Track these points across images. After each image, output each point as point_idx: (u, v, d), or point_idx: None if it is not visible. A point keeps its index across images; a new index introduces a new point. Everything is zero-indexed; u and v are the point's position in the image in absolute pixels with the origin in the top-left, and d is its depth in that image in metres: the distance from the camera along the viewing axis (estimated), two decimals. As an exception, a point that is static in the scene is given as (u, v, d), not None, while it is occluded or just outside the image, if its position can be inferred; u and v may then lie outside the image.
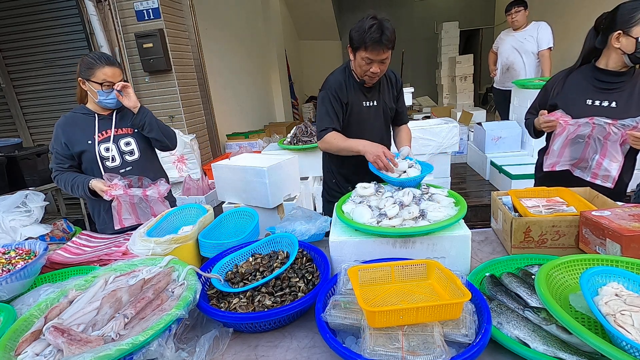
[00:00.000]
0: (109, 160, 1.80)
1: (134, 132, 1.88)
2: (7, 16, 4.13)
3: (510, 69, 4.20)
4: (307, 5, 9.03)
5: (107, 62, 1.74)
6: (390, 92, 1.89)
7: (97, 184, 1.69)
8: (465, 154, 4.41)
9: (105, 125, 1.82)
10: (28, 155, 3.34)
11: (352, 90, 1.79)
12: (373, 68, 1.63)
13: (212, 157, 4.59)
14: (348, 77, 1.80)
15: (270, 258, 1.29)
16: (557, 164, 1.67)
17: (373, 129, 1.87)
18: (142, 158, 1.89)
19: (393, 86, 1.91)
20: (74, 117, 1.82)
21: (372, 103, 1.84)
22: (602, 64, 1.63)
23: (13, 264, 1.31)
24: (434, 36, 9.56)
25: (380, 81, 1.84)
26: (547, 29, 3.95)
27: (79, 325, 0.95)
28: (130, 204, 1.69)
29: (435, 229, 1.19)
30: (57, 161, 1.79)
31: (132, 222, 1.72)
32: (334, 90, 1.76)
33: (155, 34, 3.66)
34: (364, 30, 1.55)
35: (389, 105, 1.89)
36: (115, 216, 1.70)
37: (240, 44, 6.28)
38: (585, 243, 1.23)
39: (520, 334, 0.89)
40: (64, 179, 1.76)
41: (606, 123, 1.50)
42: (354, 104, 1.80)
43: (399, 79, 1.95)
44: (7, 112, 4.46)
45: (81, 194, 1.74)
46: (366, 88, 1.82)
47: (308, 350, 0.99)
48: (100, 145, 1.78)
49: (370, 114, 1.85)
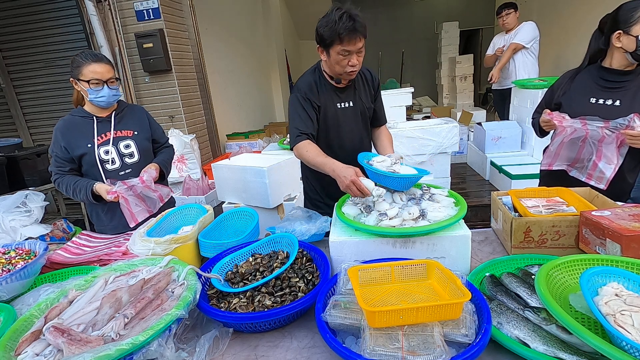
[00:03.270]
0: (108, 163, 1.80)
1: (133, 135, 1.87)
2: (7, 16, 4.13)
3: (503, 68, 4.28)
4: (307, 6, 9.03)
5: (94, 58, 1.71)
6: (366, 91, 1.79)
7: (101, 186, 1.69)
8: (465, 154, 4.41)
9: (104, 128, 1.81)
10: (28, 155, 3.34)
11: (325, 92, 1.69)
12: (352, 60, 1.53)
13: (212, 157, 4.59)
14: (319, 78, 1.70)
15: (270, 258, 1.29)
16: (553, 163, 1.69)
17: (351, 131, 1.78)
18: (142, 160, 1.88)
19: (369, 84, 1.81)
20: (73, 121, 1.80)
21: (347, 104, 1.74)
22: (607, 64, 1.65)
23: (13, 264, 1.31)
24: (434, 36, 9.55)
25: (355, 80, 1.75)
26: (529, 28, 4.02)
27: (79, 325, 0.95)
28: (135, 196, 1.69)
29: (435, 229, 1.19)
30: (57, 164, 1.78)
31: (145, 214, 1.71)
32: (304, 93, 1.66)
33: (155, 34, 3.66)
34: (334, 22, 1.46)
35: (367, 105, 1.79)
36: (126, 214, 1.69)
37: (240, 44, 6.28)
38: (585, 243, 1.23)
39: (520, 334, 0.89)
40: (65, 183, 1.76)
41: (599, 127, 1.52)
42: (327, 106, 1.70)
43: (375, 76, 1.85)
44: (7, 112, 4.47)
45: (83, 197, 1.73)
46: (340, 89, 1.72)
47: (308, 350, 0.99)
48: (99, 148, 1.78)
49: (346, 116, 1.75)
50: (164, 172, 1.91)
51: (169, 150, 2.05)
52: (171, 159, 2.03)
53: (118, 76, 1.85)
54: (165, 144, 2.06)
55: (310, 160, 1.57)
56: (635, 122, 1.46)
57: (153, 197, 1.74)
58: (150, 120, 1.99)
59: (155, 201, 1.74)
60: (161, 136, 2.03)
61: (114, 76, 1.77)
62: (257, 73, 7.14)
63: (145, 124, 1.95)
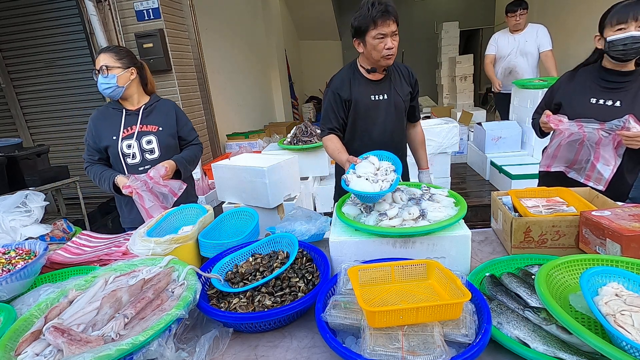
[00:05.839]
0: (129, 157, 1.83)
1: (157, 130, 1.88)
2: (7, 16, 4.13)
3: (512, 72, 4.08)
4: (307, 6, 9.03)
5: (102, 50, 1.79)
6: (402, 86, 1.86)
7: (121, 179, 1.74)
8: (465, 154, 4.41)
9: (131, 121, 1.84)
10: (28, 155, 3.35)
11: (358, 85, 1.79)
12: (388, 43, 1.62)
13: (212, 157, 4.59)
14: (354, 73, 1.81)
15: (270, 258, 1.29)
16: (551, 165, 1.70)
17: (383, 123, 1.84)
18: (162, 158, 1.88)
19: (406, 80, 1.88)
20: (106, 111, 1.86)
21: (381, 97, 1.82)
22: (604, 64, 1.67)
23: (13, 264, 1.31)
24: (434, 36, 9.55)
25: (392, 74, 1.83)
26: (546, 31, 3.92)
27: (79, 325, 0.95)
28: (149, 191, 1.70)
29: (435, 229, 1.19)
30: (89, 153, 1.86)
31: (159, 210, 1.70)
32: (335, 88, 1.80)
33: (155, 34, 3.66)
34: (367, 10, 1.58)
35: (403, 99, 1.85)
36: (141, 210, 1.70)
37: (240, 44, 6.28)
38: (585, 243, 1.23)
39: (520, 334, 0.89)
40: (92, 172, 1.84)
41: (595, 129, 1.52)
42: (360, 99, 1.79)
43: (413, 73, 1.92)
44: (7, 112, 4.47)
45: (106, 188, 1.80)
46: (375, 82, 1.81)
47: (308, 350, 0.99)
48: (123, 141, 1.81)
49: (378, 108, 1.82)
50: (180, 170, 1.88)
51: (193, 148, 2.03)
52: (194, 157, 2.00)
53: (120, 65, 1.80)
54: (194, 141, 2.04)
55: (329, 153, 1.83)
56: (630, 123, 1.47)
57: (165, 192, 1.74)
58: (179, 116, 1.97)
59: (167, 196, 1.74)
60: (188, 134, 2.02)
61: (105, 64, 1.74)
62: (257, 73, 7.14)
63: (172, 120, 1.94)
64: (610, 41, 1.54)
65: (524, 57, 4.00)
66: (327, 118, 1.84)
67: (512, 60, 4.08)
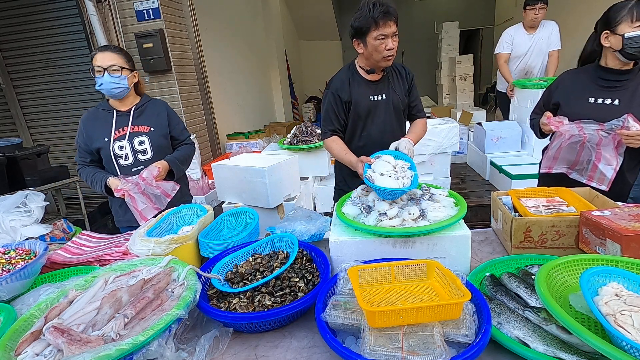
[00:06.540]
0: (122, 158, 1.82)
1: (149, 131, 1.87)
2: (7, 16, 4.13)
3: (529, 73, 3.85)
4: (307, 5, 9.03)
5: (100, 49, 1.78)
6: (401, 85, 1.88)
7: (113, 181, 1.74)
8: (465, 154, 4.41)
9: (122, 122, 1.83)
10: (28, 155, 3.34)
11: (357, 86, 1.80)
12: (388, 44, 1.63)
13: (212, 157, 4.59)
14: (353, 74, 1.82)
15: (270, 258, 1.29)
16: (553, 167, 1.70)
17: (382, 123, 1.85)
18: (155, 158, 1.87)
19: (403, 79, 1.90)
20: (96, 113, 1.85)
21: (380, 97, 1.83)
22: (603, 63, 1.66)
23: (13, 264, 1.31)
24: (434, 36, 9.56)
25: (389, 74, 1.84)
26: (558, 29, 3.71)
27: (79, 325, 0.95)
28: (141, 193, 1.69)
29: (435, 229, 1.19)
30: (80, 155, 1.86)
31: (152, 211, 1.70)
32: (335, 90, 1.81)
33: (155, 34, 3.66)
34: (368, 10, 1.58)
35: (401, 99, 1.87)
36: (134, 212, 1.69)
37: (240, 44, 6.28)
38: (585, 243, 1.23)
39: (520, 334, 0.89)
40: (85, 174, 1.83)
41: (595, 130, 1.52)
42: (359, 99, 1.80)
43: (409, 71, 1.93)
44: (7, 112, 4.47)
45: (99, 190, 1.79)
46: (373, 82, 1.82)
47: (308, 350, 0.99)
48: (115, 143, 1.80)
49: (378, 108, 1.84)
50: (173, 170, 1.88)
51: (186, 148, 2.02)
52: (187, 156, 2.00)
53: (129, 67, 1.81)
54: (185, 141, 2.02)
55: (335, 154, 1.84)
56: (630, 122, 1.47)
57: (157, 194, 1.74)
58: (170, 116, 1.96)
59: (160, 198, 1.74)
60: (180, 133, 2.00)
61: (118, 64, 1.74)
62: (257, 73, 7.14)
63: (164, 120, 1.93)
64: (630, 37, 1.50)
65: (541, 57, 3.77)
66: (328, 119, 1.85)
67: (529, 61, 3.81)
